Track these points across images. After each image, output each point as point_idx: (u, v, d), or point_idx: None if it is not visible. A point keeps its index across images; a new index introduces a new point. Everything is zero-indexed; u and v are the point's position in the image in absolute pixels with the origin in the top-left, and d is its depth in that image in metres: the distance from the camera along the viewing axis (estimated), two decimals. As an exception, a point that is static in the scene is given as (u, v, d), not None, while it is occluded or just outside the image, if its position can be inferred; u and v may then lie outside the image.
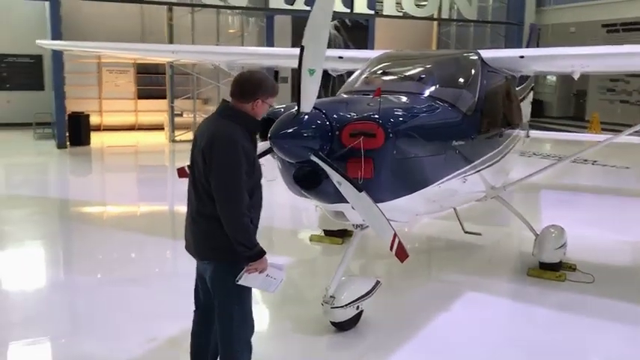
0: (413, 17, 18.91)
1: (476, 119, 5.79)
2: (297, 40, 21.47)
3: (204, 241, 3.59)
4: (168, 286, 6.30)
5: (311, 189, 4.48)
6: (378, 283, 5.39)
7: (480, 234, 8.05)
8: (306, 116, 4.24)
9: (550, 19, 27.09)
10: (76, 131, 16.26)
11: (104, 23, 18.82)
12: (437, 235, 8.54)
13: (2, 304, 5.90)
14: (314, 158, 4.22)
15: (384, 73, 6.09)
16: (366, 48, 17.40)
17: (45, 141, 16.94)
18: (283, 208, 9.52)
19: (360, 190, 4.14)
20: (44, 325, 5.31)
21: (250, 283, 3.50)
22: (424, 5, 19.17)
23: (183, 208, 3.82)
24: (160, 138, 18.36)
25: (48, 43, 10.23)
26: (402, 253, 4.27)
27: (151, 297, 6.01)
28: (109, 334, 5.12)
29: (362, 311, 5.23)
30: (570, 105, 27.38)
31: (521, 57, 6.00)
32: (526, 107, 11.10)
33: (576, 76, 6.38)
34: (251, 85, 3.57)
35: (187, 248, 3.76)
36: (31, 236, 8.28)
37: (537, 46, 12.58)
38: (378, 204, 4.71)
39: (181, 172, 5.10)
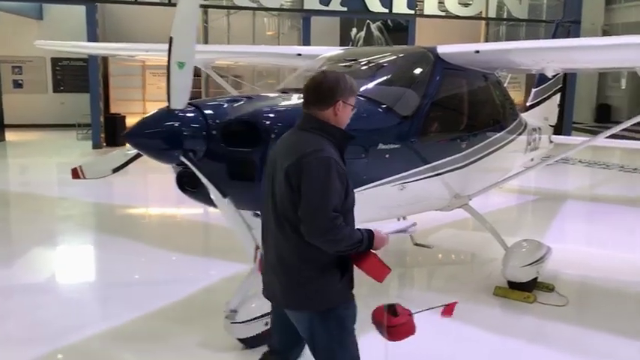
0: (457, 17, 18.02)
1: (419, 121, 5.25)
2: (344, 40, 21.31)
3: (295, 289, 3.02)
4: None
5: (190, 191, 4.19)
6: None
7: (430, 247, 7.40)
8: (179, 113, 3.93)
9: (620, 17, 25.33)
10: (112, 132, 16.68)
11: (148, 27, 19.24)
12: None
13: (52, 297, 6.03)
14: (184, 159, 3.90)
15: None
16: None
17: (86, 141, 17.40)
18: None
19: (224, 196, 3.78)
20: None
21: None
22: (470, 4, 18.22)
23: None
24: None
25: (44, 43, 10.48)
26: (261, 267, 3.86)
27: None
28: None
29: (275, 327, 4.83)
30: (642, 109, 25.45)
31: (477, 52, 5.39)
32: (549, 109, 10.29)
33: (549, 74, 5.67)
34: (328, 85, 3.00)
35: (269, 296, 3.21)
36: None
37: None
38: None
39: (74, 173, 4.90)
